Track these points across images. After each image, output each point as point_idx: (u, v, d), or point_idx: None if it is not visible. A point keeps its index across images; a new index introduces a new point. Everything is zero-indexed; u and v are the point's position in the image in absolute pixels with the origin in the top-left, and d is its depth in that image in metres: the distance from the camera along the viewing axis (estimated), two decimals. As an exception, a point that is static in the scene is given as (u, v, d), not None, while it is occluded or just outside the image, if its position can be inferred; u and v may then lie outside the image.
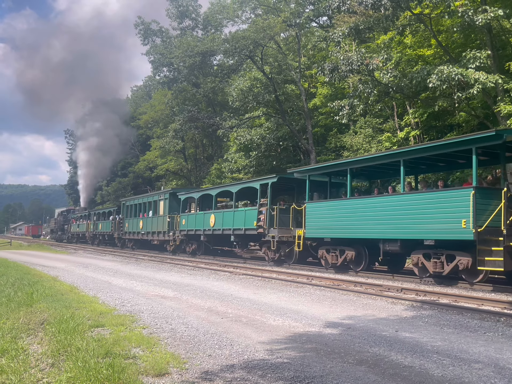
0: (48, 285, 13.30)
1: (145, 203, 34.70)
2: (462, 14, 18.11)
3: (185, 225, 27.73)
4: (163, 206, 30.93)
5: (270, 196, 21.07)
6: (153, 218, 32.29)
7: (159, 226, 31.03)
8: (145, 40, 42.88)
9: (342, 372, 5.44)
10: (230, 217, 23.52)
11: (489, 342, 6.92)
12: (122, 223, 38.47)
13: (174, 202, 29.87)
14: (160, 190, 34.02)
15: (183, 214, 28.35)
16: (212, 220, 24.86)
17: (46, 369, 6.22)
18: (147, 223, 33.22)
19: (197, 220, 26.55)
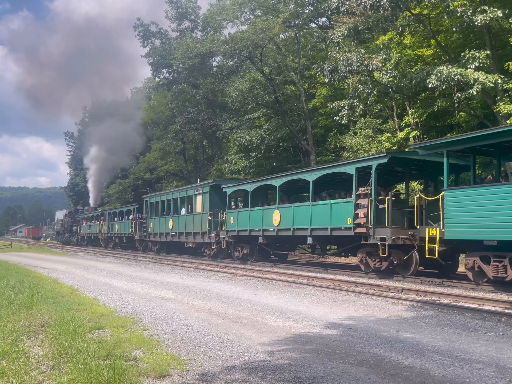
0: (49, 287, 13.29)
1: (176, 199, 29.82)
2: (461, 14, 18.15)
3: (234, 224, 22.87)
4: (202, 201, 26.03)
5: (375, 183, 15.67)
6: (188, 217, 27.52)
7: (196, 226, 26.25)
8: (144, 42, 42.92)
9: (343, 372, 5.44)
10: (305, 214, 18.58)
11: (490, 342, 6.91)
12: (145, 223, 33.57)
13: (215, 197, 25.15)
14: (197, 183, 28.77)
15: (231, 211, 23.73)
16: (276, 217, 20.11)
17: (47, 371, 6.22)
18: (179, 223, 28.51)
19: (252, 218, 21.73)
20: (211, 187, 25.44)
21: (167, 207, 30.88)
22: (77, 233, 54.37)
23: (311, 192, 18.66)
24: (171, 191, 31.99)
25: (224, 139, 38.60)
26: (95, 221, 47.48)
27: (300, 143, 32.80)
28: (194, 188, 27.73)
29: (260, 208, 21.48)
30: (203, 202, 25.86)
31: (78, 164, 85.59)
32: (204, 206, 25.74)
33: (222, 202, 24.78)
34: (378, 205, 15.50)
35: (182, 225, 27.97)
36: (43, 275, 17.65)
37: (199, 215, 26.08)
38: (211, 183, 26.00)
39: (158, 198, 32.57)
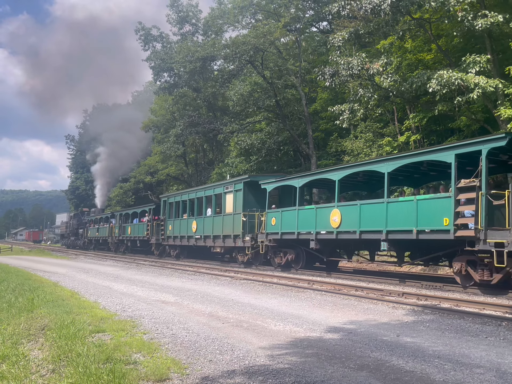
0: (49, 290, 13.29)
1: (200, 199, 26.93)
2: (462, 19, 18.17)
3: (277, 226, 19.81)
4: (233, 200, 22.91)
5: (486, 173, 12.25)
6: (215, 218, 24.63)
7: (226, 228, 23.39)
8: (145, 45, 43.02)
9: (343, 377, 5.43)
10: (378, 213, 15.24)
11: (490, 347, 6.90)
12: (164, 226, 30.59)
13: (250, 195, 22.32)
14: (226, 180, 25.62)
15: (272, 211, 20.55)
16: (335, 217, 16.92)
17: (46, 375, 6.22)
18: (204, 225, 25.59)
19: (302, 219, 18.64)
20: (245, 184, 22.34)
21: (190, 208, 27.90)
22: (83, 236, 51.81)
23: (386, 186, 15.20)
24: (194, 189, 28.97)
25: (225, 142, 38.63)
26: (103, 223, 44.97)
27: (301, 147, 32.82)
28: (223, 186, 24.39)
29: (313, 207, 18.37)
30: (235, 201, 22.81)
31: (79, 168, 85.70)
32: (236, 205, 22.74)
33: (258, 201, 21.96)
34: (491, 201, 12.10)
35: (209, 228, 25.16)
36: (44, 278, 17.65)
37: (230, 216, 23.10)
38: (245, 179, 22.61)
39: (179, 198, 29.62)
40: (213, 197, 25.31)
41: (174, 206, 30.11)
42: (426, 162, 14.75)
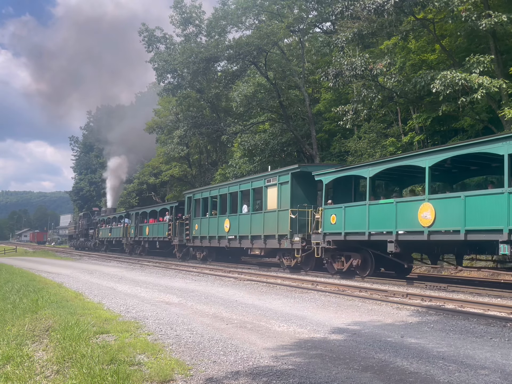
0: (53, 291, 13.32)
1: (234, 194, 24.03)
2: (466, 19, 18.13)
3: (338, 224, 16.73)
4: (278, 195, 20.13)
5: None
6: (254, 216, 21.88)
7: (268, 227, 20.65)
8: (149, 47, 43.06)
9: (347, 378, 5.42)
10: (494, 207, 11.94)
11: (495, 348, 6.87)
12: (189, 225, 27.77)
13: (299, 189, 19.49)
14: (268, 172, 22.12)
15: (331, 207, 17.37)
16: (426, 213, 13.54)
17: (51, 376, 6.23)
18: (239, 224, 22.79)
19: (375, 216, 15.40)
20: (293, 176, 19.39)
21: (220, 205, 25.07)
22: (94, 237, 49.05)
23: (506, 173, 11.79)
24: (226, 183, 25.85)
25: (228, 143, 38.62)
26: (117, 223, 42.09)
27: (305, 148, 32.78)
28: (264, 178, 21.36)
29: (391, 201, 15.00)
30: (280, 195, 19.97)
31: (83, 169, 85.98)
32: (281, 200, 19.88)
33: (307, 195, 19.36)
34: None
35: (245, 227, 22.24)
36: (48, 279, 17.69)
37: (273, 213, 20.30)
38: (294, 169, 19.52)
39: (207, 194, 26.67)
40: (250, 192, 22.24)
41: (201, 203, 27.15)
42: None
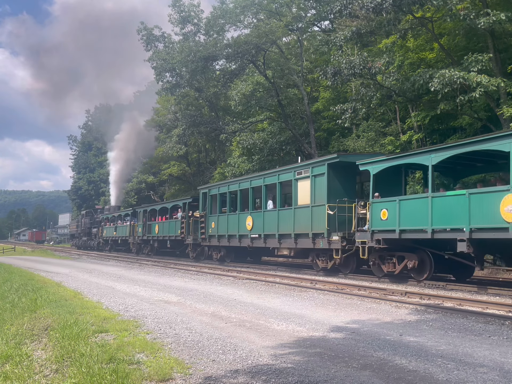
0: (52, 290, 13.32)
1: (257, 189, 21.96)
2: (464, 17, 18.14)
3: (391, 221, 14.55)
4: (311, 188, 18.01)
5: None
6: (282, 212, 19.74)
7: (299, 224, 18.57)
8: (147, 45, 43.02)
9: (346, 376, 5.43)
10: None
11: (493, 346, 6.89)
12: (204, 223, 25.68)
13: (336, 181, 17.42)
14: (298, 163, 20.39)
15: (381, 201, 15.18)
16: None
17: (50, 375, 6.23)
18: (265, 221, 20.74)
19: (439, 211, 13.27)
20: (330, 167, 17.32)
21: (241, 200, 22.93)
22: (97, 236, 47.17)
23: None
24: (248, 177, 23.25)
25: (227, 142, 38.61)
26: (122, 221, 40.25)
27: (303, 146, 32.78)
28: (293, 171, 19.24)
29: (463, 192, 12.74)
30: (314, 189, 17.89)
31: (82, 168, 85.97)
32: (315, 195, 17.84)
33: (347, 189, 17.55)
34: None
35: (271, 224, 20.29)
36: (47, 278, 17.69)
37: (306, 209, 18.25)
38: (331, 159, 17.33)
39: (225, 189, 24.50)
40: (277, 186, 20.15)
41: (218, 199, 25.03)
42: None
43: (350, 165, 16.92)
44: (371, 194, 15.61)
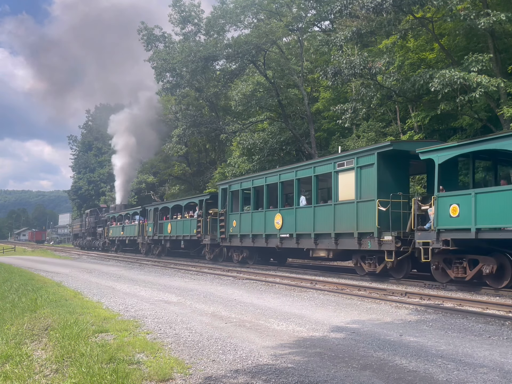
0: (52, 290, 13.32)
1: (287, 184, 19.99)
2: (464, 17, 18.16)
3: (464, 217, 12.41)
4: (357, 182, 15.80)
5: None
6: (320, 209, 17.62)
7: (342, 222, 16.42)
8: (148, 45, 43.05)
9: (346, 376, 5.43)
10: None
11: (494, 346, 6.88)
12: (224, 221, 23.54)
13: (387, 174, 15.23)
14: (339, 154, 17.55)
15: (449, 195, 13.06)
16: None
17: (50, 374, 6.23)
18: (297, 219, 18.61)
19: None
20: (381, 157, 15.11)
21: (267, 197, 20.92)
22: (103, 235, 45.33)
23: None
24: (277, 171, 20.92)
25: (227, 142, 38.64)
26: (130, 220, 38.44)
27: (303, 147, 32.79)
28: (333, 162, 17.00)
29: None
30: (360, 182, 15.74)
31: (82, 168, 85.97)
32: (361, 189, 15.70)
33: (398, 182, 15.39)
34: None
35: (306, 223, 18.17)
36: (47, 278, 17.69)
37: (349, 205, 16.10)
38: (383, 148, 15.13)
39: (248, 184, 22.35)
40: (313, 180, 17.97)
41: (240, 195, 22.90)
42: None
43: (402, 155, 15.14)
44: (437, 187, 13.33)
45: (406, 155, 15.04)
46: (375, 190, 15.06)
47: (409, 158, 15.29)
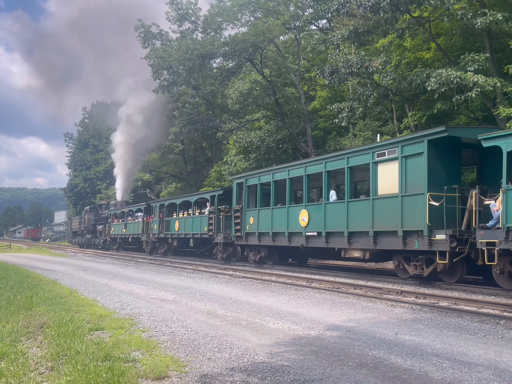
0: (48, 288, 13.29)
1: (314, 176, 18.39)
2: (461, 17, 18.20)
3: None
4: (401, 174, 13.99)
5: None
6: (354, 204, 15.83)
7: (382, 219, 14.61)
8: (145, 43, 42.95)
9: (341, 375, 5.44)
10: None
11: (488, 345, 6.91)
12: (240, 218, 21.88)
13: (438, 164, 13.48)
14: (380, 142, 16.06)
15: None
16: None
17: (45, 372, 6.22)
18: (327, 215, 16.83)
19: None
20: (432, 144, 13.39)
21: (290, 191, 19.38)
22: (103, 233, 43.71)
23: None
24: (302, 163, 19.18)
25: (223, 140, 38.61)
26: (133, 217, 36.92)
27: (300, 145, 32.80)
28: (372, 152, 15.12)
29: None
30: (405, 174, 13.91)
31: (78, 165, 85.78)
32: (407, 181, 13.85)
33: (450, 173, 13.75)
34: None
35: (337, 220, 16.44)
36: (42, 276, 17.65)
37: (392, 199, 14.29)
38: (435, 134, 13.31)
39: (268, 178, 20.62)
40: (346, 172, 16.20)
41: (258, 190, 21.17)
42: None
43: (455, 142, 13.58)
44: (505, 179, 11.60)
45: (458, 142, 13.60)
46: (425, 182, 13.30)
47: (461, 146, 13.84)
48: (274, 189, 20.14)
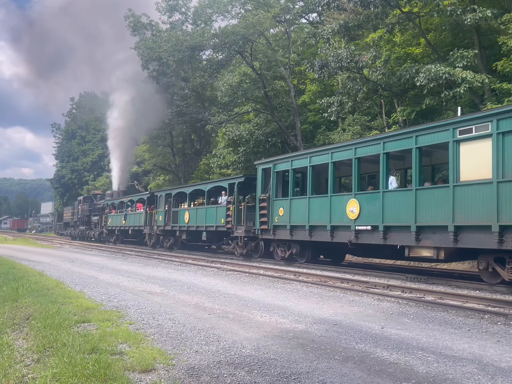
0: (34, 280, 13.19)
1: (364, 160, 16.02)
2: (451, 13, 18.28)
3: None
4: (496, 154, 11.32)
5: None
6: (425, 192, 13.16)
7: (466, 211, 11.98)
8: (134, 32, 42.56)
9: (328, 368, 5.48)
10: None
11: (473, 339, 7.00)
12: (267, 209, 19.37)
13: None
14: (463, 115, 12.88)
15: None
16: None
17: (31, 364, 6.18)
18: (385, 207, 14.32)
19: None
20: None
21: (332, 178, 16.64)
22: (99, 225, 41.21)
23: None
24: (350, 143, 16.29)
25: (212, 133, 38.49)
26: (134, 208, 34.51)
27: (289, 139, 32.80)
28: (452, 128, 12.46)
29: None
30: (503, 154, 11.21)
31: (65, 156, 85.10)
32: (505, 163, 11.18)
33: None
34: None
35: (400, 211, 13.83)
36: (28, 267, 17.51)
37: (483, 186, 11.60)
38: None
39: (303, 162, 18.12)
40: (414, 153, 13.56)
41: (290, 176, 18.65)
42: None
43: None
44: None
45: None
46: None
47: None
48: (311, 176, 17.67)
